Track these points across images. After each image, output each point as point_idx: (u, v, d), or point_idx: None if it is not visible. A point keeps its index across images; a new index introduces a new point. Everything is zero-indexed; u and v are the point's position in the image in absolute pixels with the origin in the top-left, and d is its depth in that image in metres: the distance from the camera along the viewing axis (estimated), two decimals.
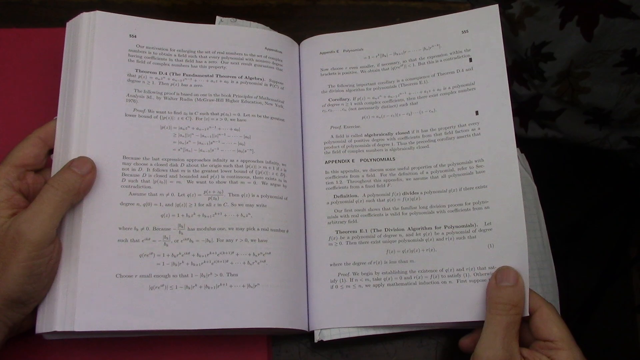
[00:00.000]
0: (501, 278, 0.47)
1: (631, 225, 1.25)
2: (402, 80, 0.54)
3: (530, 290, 0.47)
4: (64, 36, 0.50)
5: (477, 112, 0.52)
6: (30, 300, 0.42)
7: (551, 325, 0.45)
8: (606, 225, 1.28)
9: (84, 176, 0.44)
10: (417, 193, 0.51)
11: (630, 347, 1.24)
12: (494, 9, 0.54)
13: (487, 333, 0.45)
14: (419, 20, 0.56)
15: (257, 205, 0.49)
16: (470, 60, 0.53)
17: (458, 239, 0.50)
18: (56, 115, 0.49)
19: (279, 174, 0.50)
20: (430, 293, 0.49)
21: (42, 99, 0.55)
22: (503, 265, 0.48)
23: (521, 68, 1.12)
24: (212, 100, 0.51)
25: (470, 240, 0.50)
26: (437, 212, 0.51)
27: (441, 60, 0.54)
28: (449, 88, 0.53)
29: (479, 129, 0.51)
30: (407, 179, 0.52)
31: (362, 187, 0.51)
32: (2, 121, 0.55)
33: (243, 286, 0.46)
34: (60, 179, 0.44)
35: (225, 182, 0.49)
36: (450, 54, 0.54)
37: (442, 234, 0.50)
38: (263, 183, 0.49)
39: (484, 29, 0.54)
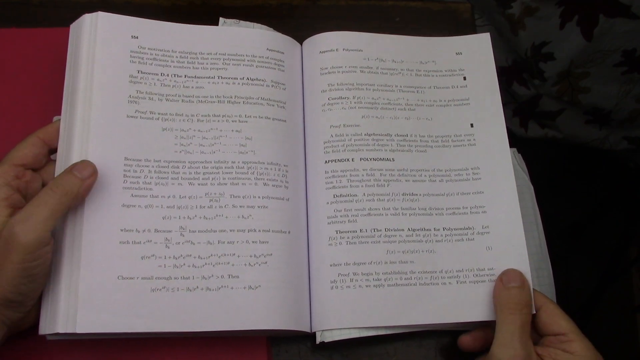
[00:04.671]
0: (507, 280, 0.48)
1: (631, 226, 1.26)
2: (400, 86, 0.56)
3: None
4: (64, 36, 0.50)
5: (472, 125, 0.54)
6: (26, 299, 0.42)
7: (559, 319, 0.46)
8: (606, 225, 1.28)
9: (84, 180, 0.44)
10: (417, 194, 0.51)
11: (630, 347, 1.24)
12: (486, 36, 0.58)
13: (503, 333, 0.45)
14: (415, 37, 0.58)
15: (259, 207, 0.49)
16: (465, 79, 0.56)
17: (457, 241, 0.50)
18: (56, 115, 0.49)
19: (280, 175, 0.50)
20: (430, 294, 0.49)
21: (42, 99, 0.55)
22: (502, 266, 0.49)
23: (521, 68, 1.12)
24: (214, 101, 0.51)
25: (468, 242, 0.50)
26: (436, 214, 0.51)
27: (436, 75, 0.57)
28: (445, 101, 0.56)
29: (474, 139, 0.54)
30: (406, 180, 0.52)
31: (362, 186, 0.51)
32: (2, 121, 0.54)
33: (244, 288, 0.46)
34: (60, 182, 0.43)
35: (226, 184, 0.49)
36: (445, 71, 0.57)
37: (441, 235, 0.51)
38: (264, 184, 0.49)
39: (476, 53, 0.57)
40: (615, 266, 1.26)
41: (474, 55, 0.57)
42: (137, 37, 0.51)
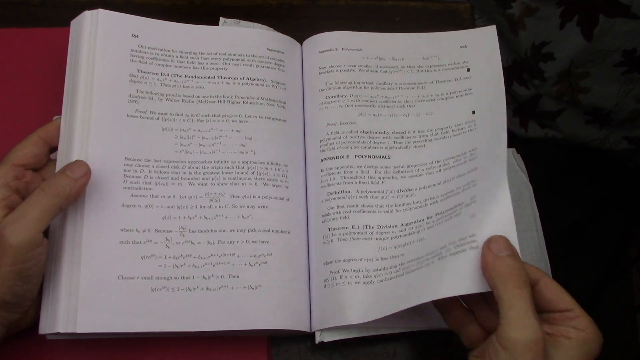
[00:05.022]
0: (498, 249, 0.40)
1: (631, 225, 1.26)
2: (400, 83, 0.55)
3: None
4: (64, 36, 0.50)
5: (473, 112, 0.52)
6: (22, 300, 0.42)
7: (562, 294, 0.41)
8: (606, 225, 1.28)
9: (77, 180, 0.43)
10: (412, 190, 0.50)
11: (630, 347, 1.24)
12: (492, 29, 0.55)
13: (514, 312, 0.38)
14: (417, 33, 0.57)
15: (259, 207, 0.48)
16: (468, 70, 0.55)
17: (446, 221, 0.47)
18: (56, 115, 0.49)
19: (280, 175, 0.50)
20: (416, 279, 0.45)
21: (42, 99, 0.55)
22: (485, 231, 0.42)
23: (521, 68, 1.12)
24: (214, 101, 0.51)
25: (456, 218, 0.46)
26: (430, 203, 0.49)
27: (439, 70, 0.55)
28: (447, 94, 0.54)
29: (474, 125, 0.51)
30: (402, 177, 0.51)
31: (356, 183, 0.51)
32: (2, 121, 0.54)
33: (244, 288, 0.46)
34: (52, 182, 0.43)
35: (226, 184, 0.49)
36: (449, 65, 0.55)
37: (433, 221, 0.48)
38: (264, 184, 0.49)
39: (482, 45, 0.55)
40: (615, 266, 1.26)
41: (479, 47, 0.55)
42: (137, 36, 0.51)
